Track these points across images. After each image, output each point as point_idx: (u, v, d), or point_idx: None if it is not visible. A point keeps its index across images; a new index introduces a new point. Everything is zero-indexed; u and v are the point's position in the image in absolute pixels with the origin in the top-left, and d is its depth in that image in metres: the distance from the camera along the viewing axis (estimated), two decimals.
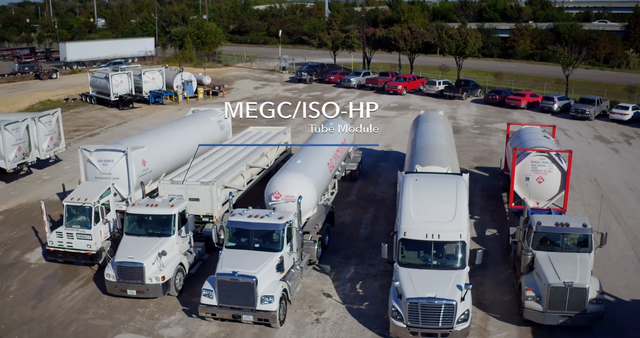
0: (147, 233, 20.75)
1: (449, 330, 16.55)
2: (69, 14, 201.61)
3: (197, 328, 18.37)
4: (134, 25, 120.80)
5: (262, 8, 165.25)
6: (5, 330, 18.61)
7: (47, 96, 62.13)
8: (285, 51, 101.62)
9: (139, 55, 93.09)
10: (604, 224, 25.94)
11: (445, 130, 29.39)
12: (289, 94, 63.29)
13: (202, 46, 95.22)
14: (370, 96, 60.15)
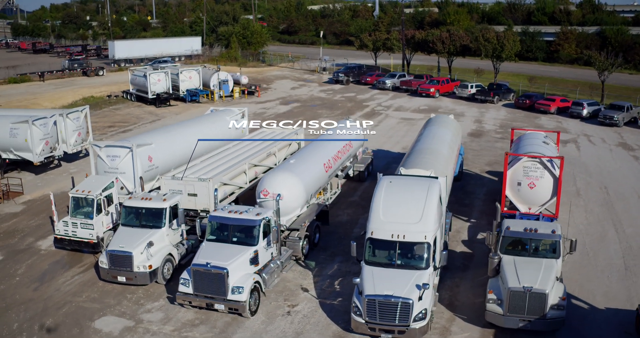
0: (140, 224, 22.04)
1: (406, 327, 17.12)
2: (128, 11, 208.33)
3: (175, 315, 19.51)
4: (184, 25, 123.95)
5: (316, 8, 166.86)
6: (5, 308, 20.19)
7: (91, 92, 64.96)
8: (331, 52, 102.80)
9: (185, 54, 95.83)
10: (601, 231, 26.00)
11: (449, 134, 29.70)
12: (323, 95, 64.21)
13: (248, 45, 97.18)
14: (402, 98, 60.52)
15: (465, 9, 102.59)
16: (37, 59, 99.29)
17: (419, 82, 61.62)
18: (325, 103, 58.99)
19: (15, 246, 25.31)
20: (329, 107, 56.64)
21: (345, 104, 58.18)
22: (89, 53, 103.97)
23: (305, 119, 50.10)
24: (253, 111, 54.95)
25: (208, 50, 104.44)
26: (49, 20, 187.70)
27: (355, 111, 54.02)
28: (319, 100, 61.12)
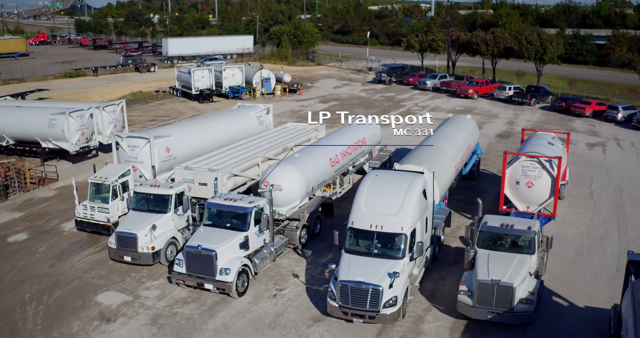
0: (148, 209, 23.62)
1: (376, 312, 18.00)
2: (191, 9, 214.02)
3: (170, 292, 20.98)
4: (238, 23, 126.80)
5: (375, 8, 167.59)
6: (22, 281, 22.14)
7: (140, 87, 67.80)
8: (381, 53, 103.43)
9: (237, 52, 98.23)
10: (603, 233, 26.10)
11: (462, 133, 30.24)
12: (363, 95, 65.06)
13: (299, 44, 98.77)
14: (441, 99, 60.75)
15: (518, 11, 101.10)
16: (95, 55, 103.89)
17: (459, 84, 61.70)
18: (363, 102, 59.87)
19: (41, 227, 27.41)
20: (367, 106, 57.48)
21: (382, 103, 58.90)
22: (145, 50, 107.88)
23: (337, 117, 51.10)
24: (291, 108, 56.49)
25: (260, 48, 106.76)
26: (114, 17, 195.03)
27: (391, 110, 54.65)
28: (358, 99, 62.02)
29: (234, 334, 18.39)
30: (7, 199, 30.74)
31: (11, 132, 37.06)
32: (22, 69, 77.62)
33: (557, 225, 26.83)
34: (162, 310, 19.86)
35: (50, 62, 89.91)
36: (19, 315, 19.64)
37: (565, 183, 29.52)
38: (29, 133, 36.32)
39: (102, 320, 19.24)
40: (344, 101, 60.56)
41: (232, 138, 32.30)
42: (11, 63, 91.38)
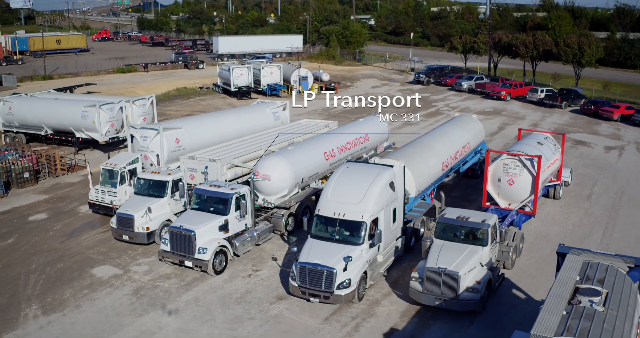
0: (148, 193, 25.75)
1: (330, 293, 19.44)
2: (255, 8, 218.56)
3: (157, 269, 23.02)
4: (290, 23, 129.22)
5: (435, 10, 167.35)
6: (32, 253, 24.65)
7: (185, 84, 70.86)
8: (428, 54, 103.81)
9: (285, 51, 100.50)
10: (588, 233, 26.64)
11: (461, 132, 31.15)
12: (398, 94, 65.81)
13: (347, 44, 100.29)
14: (474, 100, 61.08)
15: (569, 14, 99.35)
16: (151, 52, 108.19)
17: (493, 85, 61.84)
18: (397, 102, 60.68)
19: (61, 208, 30.04)
20: (397, 105, 58.31)
21: (414, 103, 59.56)
22: (198, 47, 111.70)
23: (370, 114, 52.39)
24: (322, 107, 58.13)
25: (310, 48, 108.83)
26: (182, 14, 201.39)
27: (420, 110, 55.40)
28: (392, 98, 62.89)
29: (201, 306, 20.20)
30: (37, 183, 33.61)
31: (49, 122, 40.16)
32: (76, 64, 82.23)
33: (542, 223, 27.51)
34: (145, 283, 21.90)
35: (106, 58, 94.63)
36: (22, 282, 22.07)
37: (560, 184, 29.98)
38: (64, 123, 39.31)
39: (91, 290, 21.40)
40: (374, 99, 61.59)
41: (245, 132, 34.13)
42: (70, 58, 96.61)
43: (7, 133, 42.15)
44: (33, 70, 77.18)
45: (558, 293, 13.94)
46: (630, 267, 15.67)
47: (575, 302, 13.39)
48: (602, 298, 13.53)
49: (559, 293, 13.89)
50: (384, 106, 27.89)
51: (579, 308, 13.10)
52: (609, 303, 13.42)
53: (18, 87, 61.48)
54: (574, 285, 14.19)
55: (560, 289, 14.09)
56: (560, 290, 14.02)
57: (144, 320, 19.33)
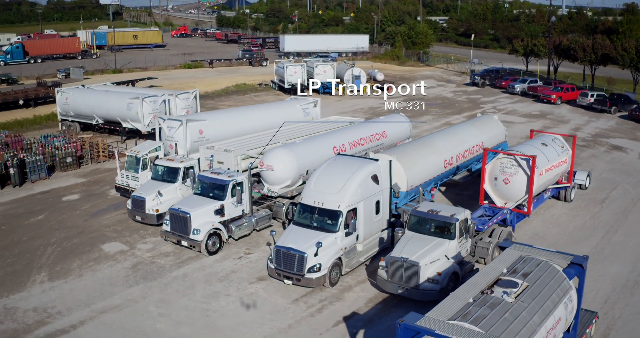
0: (162, 179, 27.82)
1: (301, 276, 20.73)
2: (337, 8, 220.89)
3: (160, 247, 25.01)
4: (360, 23, 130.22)
5: (516, 12, 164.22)
6: (55, 229, 27.22)
7: (245, 80, 73.46)
8: (493, 56, 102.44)
9: (351, 50, 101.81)
10: (587, 236, 26.59)
11: (472, 132, 31.58)
12: (450, 96, 66.06)
13: (412, 45, 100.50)
14: (523, 103, 60.36)
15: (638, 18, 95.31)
16: (224, 48, 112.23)
17: (545, 89, 60.88)
18: (444, 103, 61.08)
19: (93, 191, 32.70)
20: (445, 106, 58.72)
21: (462, 105, 59.75)
22: (268, 45, 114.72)
23: (413, 116, 53.12)
24: (369, 105, 59.17)
25: (377, 47, 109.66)
26: (257, 13, 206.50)
27: (465, 111, 55.57)
28: (441, 99, 63.22)
29: (187, 281, 21.96)
30: (79, 168, 36.55)
31: (100, 113, 43.28)
32: (147, 59, 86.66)
33: (544, 223, 27.67)
34: (145, 259, 23.91)
35: (177, 53, 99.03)
36: (40, 252, 24.57)
37: (570, 186, 29.88)
38: (112, 114, 42.30)
39: (96, 262, 23.61)
40: (426, 101, 61.95)
41: (271, 126, 35.58)
42: (144, 53, 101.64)
43: (64, 122, 45.68)
44: (104, 64, 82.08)
45: (475, 282, 14.68)
46: (568, 264, 16.07)
47: (488, 291, 14.06)
48: (517, 290, 14.05)
49: (475, 282, 14.62)
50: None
51: (488, 297, 13.78)
52: (523, 295, 13.95)
53: (85, 80, 65.78)
54: (497, 277, 14.84)
55: (480, 279, 14.81)
56: (479, 280, 14.74)
57: (132, 290, 21.27)
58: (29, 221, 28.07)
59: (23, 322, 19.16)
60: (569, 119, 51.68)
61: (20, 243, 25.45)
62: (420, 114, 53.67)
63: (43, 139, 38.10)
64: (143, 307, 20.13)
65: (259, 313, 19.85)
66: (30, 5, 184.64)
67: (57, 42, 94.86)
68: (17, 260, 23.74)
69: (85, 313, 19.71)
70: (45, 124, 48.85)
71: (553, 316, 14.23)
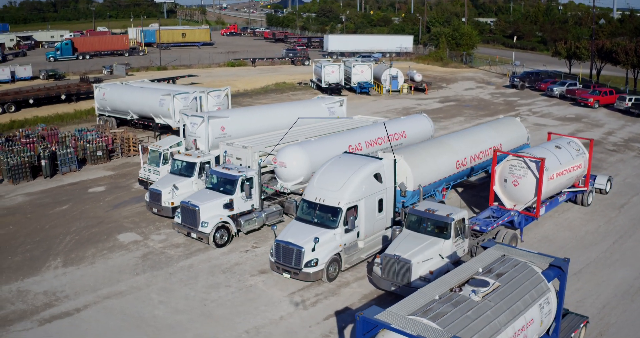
0: (179, 173, 28.79)
1: (298, 270, 21.25)
2: (390, 9, 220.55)
3: (172, 239, 25.92)
4: (406, 24, 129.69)
5: (569, 14, 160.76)
6: (77, 218, 28.50)
7: (285, 79, 74.37)
8: (537, 58, 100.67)
9: (394, 51, 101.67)
10: (598, 240, 26.23)
11: (490, 133, 31.41)
12: (487, 97, 65.42)
13: (456, 46, 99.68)
14: (560, 106, 59.31)
15: None
16: (270, 47, 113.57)
17: (583, 92, 59.64)
18: (480, 104, 60.56)
19: (119, 183, 33.98)
20: (480, 108, 58.24)
21: (497, 107, 59.13)
22: (313, 45, 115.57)
23: (445, 117, 53.15)
24: (404, 106, 59.15)
25: (421, 48, 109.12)
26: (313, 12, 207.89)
27: (499, 114, 54.94)
28: (477, 101, 62.71)
29: (192, 272, 22.76)
30: (110, 161, 37.98)
31: (134, 108, 44.77)
32: (192, 56, 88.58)
33: (555, 227, 27.43)
34: (156, 249, 24.85)
35: (223, 51, 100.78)
36: (59, 240, 25.82)
37: (587, 190, 29.47)
38: (145, 110, 43.71)
39: (109, 251, 24.68)
40: (461, 102, 61.76)
41: (298, 121, 36.26)
42: (191, 51, 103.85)
43: (101, 116, 47.42)
44: (149, 61, 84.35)
45: (446, 280, 14.91)
46: (548, 266, 16.08)
47: (456, 289, 14.26)
48: (487, 290, 14.19)
49: (446, 280, 14.86)
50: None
51: (454, 295, 13.99)
52: (492, 295, 14.09)
53: (130, 77, 67.89)
54: (471, 276, 15.02)
55: (452, 277, 15.02)
56: (451, 278, 14.96)
57: (138, 278, 22.20)
58: (54, 210, 29.44)
59: (32, 304, 20.28)
60: (603, 123, 50.58)
61: (43, 231, 26.78)
62: (453, 116, 53.57)
63: (77, 133, 39.74)
64: (145, 294, 20.99)
65: (254, 304, 20.44)
66: (87, 3, 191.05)
67: (105, 40, 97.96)
68: (36, 247, 25.02)
69: (90, 298, 20.71)
70: (85, 118, 50.83)
71: (524, 317, 14.31)
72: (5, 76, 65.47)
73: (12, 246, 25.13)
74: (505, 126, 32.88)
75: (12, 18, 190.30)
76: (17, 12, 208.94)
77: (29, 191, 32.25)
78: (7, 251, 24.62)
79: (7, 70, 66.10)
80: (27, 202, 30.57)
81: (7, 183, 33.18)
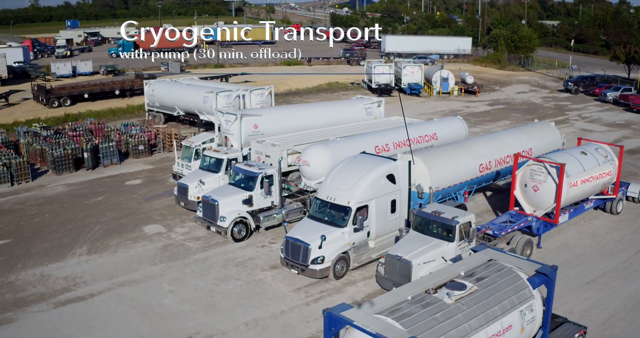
0: (207, 169, 29.77)
1: (305, 266, 21.75)
2: (457, 9, 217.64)
3: (194, 232, 26.87)
4: (465, 25, 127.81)
5: None
6: (110, 209, 29.88)
7: (339, 78, 74.75)
8: (598, 63, 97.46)
9: (452, 52, 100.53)
10: (619, 250, 25.52)
11: (519, 138, 30.92)
12: (538, 101, 64.05)
13: (515, 49, 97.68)
14: (612, 112, 57.37)
15: None
16: (329, 47, 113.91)
17: (637, 98, 57.50)
18: (529, 108, 59.37)
19: (156, 177, 35.32)
20: (528, 112, 57.08)
21: (546, 111, 57.81)
22: (372, 45, 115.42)
23: (491, 120, 52.50)
24: (452, 108, 58.63)
25: (480, 50, 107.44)
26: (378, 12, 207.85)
27: (547, 118, 53.65)
28: (527, 105, 61.48)
29: (206, 264, 23.60)
30: (151, 155, 39.47)
31: (180, 105, 46.31)
32: (248, 55, 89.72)
33: (579, 234, 26.89)
34: (177, 241, 25.86)
35: (282, 50, 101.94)
36: (88, 229, 27.22)
37: (616, 198, 28.70)
38: (190, 106, 45.15)
39: (133, 241, 25.86)
40: (510, 106, 60.70)
41: (330, 123, 36.79)
42: (252, 49, 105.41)
43: (150, 112, 49.23)
44: (207, 58, 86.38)
45: (423, 281, 15.09)
46: (534, 273, 15.92)
47: (432, 291, 14.40)
48: (462, 293, 14.22)
49: (423, 281, 15.03)
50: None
51: (427, 297, 14.13)
52: (467, 299, 14.13)
53: (184, 73, 69.94)
54: (451, 278, 15.11)
55: (431, 279, 15.17)
56: (430, 279, 15.12)
57: (154, 268, 23.21)
58: (89, 201, 30.97)
59: (52, 288, 21.57)
60: None
61: (75, 220, 28.26)
62: (499, 119, 52.80)
63: (122, 128, 41.46)
64: (157, 284, 21.95)
65: (259, 298, 21.06)
66: (157, 0, 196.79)
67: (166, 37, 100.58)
68: (66, 235, 26.47)
69: (106, 284, 21.83)
70: (136, 113, 52.88)
71: (500, 322, 14.30)
72: (67, 71, 68.81)
73: (45, 233, 26.67)
74: (538, 131, 32.32)
75: (84, 14, 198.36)
76: (89, 9, 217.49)
77: (70, 182, 33.98)
78: (40, 237, 26.15)
79: (69, 65, 69.44)
80: (66, 192, 32.25)
81: (51, 173, 35.05)
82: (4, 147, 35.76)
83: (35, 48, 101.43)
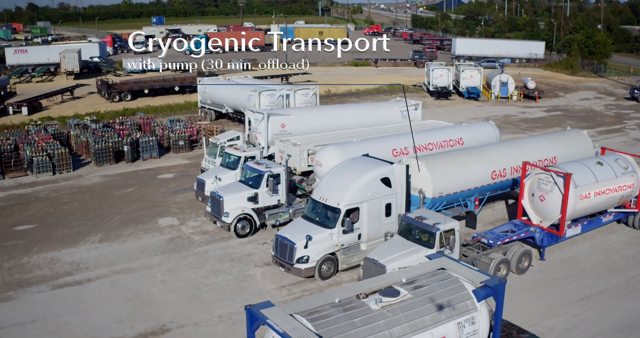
0: (227, 165, 30.76)
1: (291, 265, 22.24)
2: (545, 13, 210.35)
3: (204, 226, 27.92)
4: (540, 29, 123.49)
5: None
6: (135, 200, 31.47)
7: (402, 80, 73.87)
8: None
9: (524, 57, 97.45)
10: (627, 267, 24.48)
11: (543, 146, 30.03)
12: (598, 109, 61.28)
13: (589, 55, 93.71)
14: None
15: None
16: (404, 49, 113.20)
17: None
18: (587, 116, 57.01)
19: (188, 172, 36.69)
20: (585, 119, 54.81)
21: (604, 119, 55.28)
22: (445, 47, 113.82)
23: (543, 126, 51.01)
24: (506, 113, 57.31)
25: (554, 55, 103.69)
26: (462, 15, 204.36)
27: (601, 126, 51.58)
28: (586, 112, 59.05)
29: (204, 257, 24.53)
30: (191, 151, 41.02)
31: (228, 103, 47.79)
32: (318, 54, 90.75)
33: (591, 248, 25.91)
34: (184, 234, 26.97)
35: (353, 51, 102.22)
36: (108, 218, 28.84)
37: (639, 212, 27.39)
38: (237, 104, 46.50)
39: (144, 232, 27.19)
40: (568, 112, 58.55)
41: (363, 124, 37.01)
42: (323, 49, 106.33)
43: (202, 108, 51.03)
44: (276, 57, 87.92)
45: (359, 285, 15.20)
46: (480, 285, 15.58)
47: (361, 296, 14.47)
48: (392, 300, 14.16)
49: (359, 286, 15.14)
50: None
51: (354, 301, 14.21)
52: (395, 306, 14.05)
53: (251, 71, 71.77)
54: (389, 284, 15.12)
55: (368, 283, 15.24)
56: (366, 284, 15.20)
57: (154, 259, 24.38)
58: (119, 192, 32.69)
59: (56, 271, 23.13)
60: None
61: (99, 210, 29.98)
62: (551, 126, 51.13)
63: (168, 123, 43.28)
64: (152, 274, 23.07)
65: (242, 293, 21.73)
66: None
67: (240, 35, 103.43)
68: (87, 223, 28.16)
69: (104, 271, 23.17)
70: (192, 110, 54.88)
71: (430, 332, 14.12)
72: (137, 67, 72.14)
73: (68, 220, 28.48)
74: (566, 139, 31.22)
75: (173, 11, 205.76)
76: (179, 6, 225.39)
77: (107, 173, 35.95)
78: (62, 224, 27.97)
79: (139, 61, 72.75)
80: (100, 183, 34.19)
81: (92, 164, 37.19)
82: (52, 138, 38.21)
83: (115, 44, 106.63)
